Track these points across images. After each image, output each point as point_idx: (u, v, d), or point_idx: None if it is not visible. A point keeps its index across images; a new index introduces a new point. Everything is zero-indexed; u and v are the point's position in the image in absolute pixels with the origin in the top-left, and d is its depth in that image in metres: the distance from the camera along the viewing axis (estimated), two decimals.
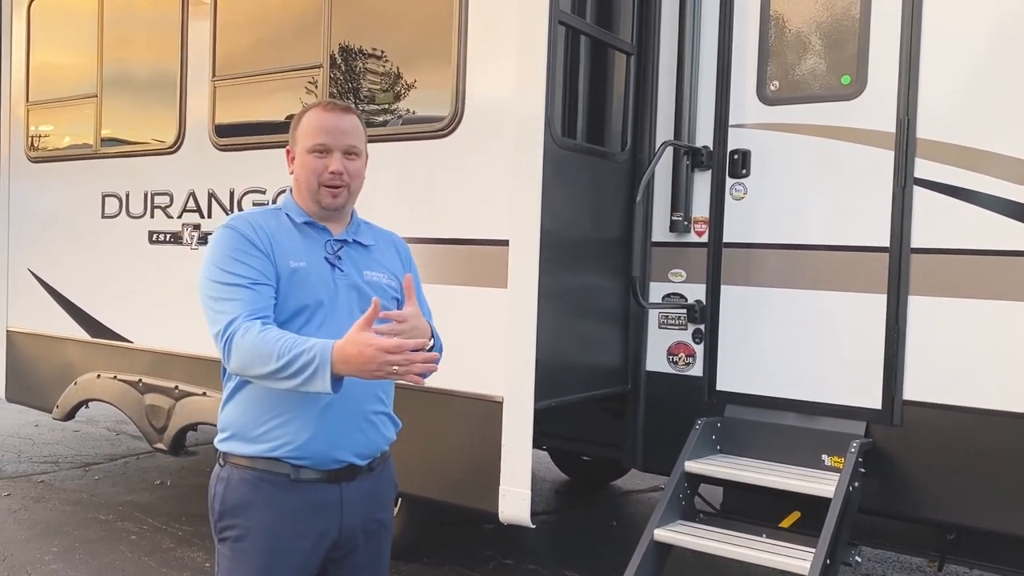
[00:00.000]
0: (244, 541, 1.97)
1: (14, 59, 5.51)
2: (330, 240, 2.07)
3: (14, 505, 5.23)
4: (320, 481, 1.97)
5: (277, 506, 1.95)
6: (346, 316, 1.97)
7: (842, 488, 3.15)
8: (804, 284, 3.56)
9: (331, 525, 1.99)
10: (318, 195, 2.03)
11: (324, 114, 2.05)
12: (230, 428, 2.02)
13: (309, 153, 2.02)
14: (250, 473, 1.97)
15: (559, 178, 3.45)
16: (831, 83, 3.55)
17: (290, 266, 1.97)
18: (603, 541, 5.00)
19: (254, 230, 1.98)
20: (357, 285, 2.05)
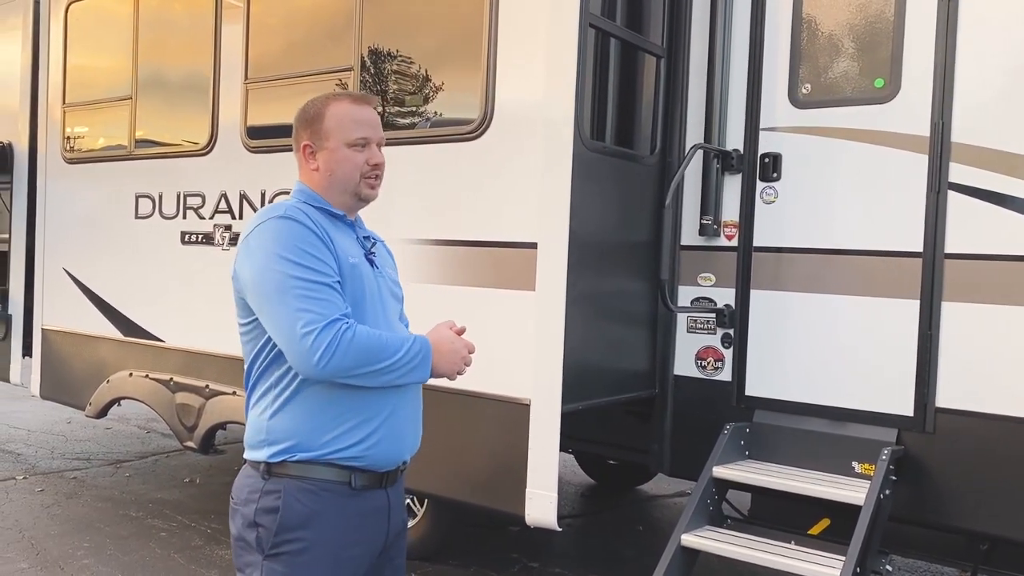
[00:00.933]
0: (306, 555, 1.90)
1: (51, 61, 5.60)
2: (359, 237, 2.07)
3: (47, 501, 5.32)
4: (373, 487, 1.96)
5: (340, 516, 1.92)
6: (384, 312, 2.02)
7: (873, 495, 3.12)
8: (835, 289, 3.53)
9: (381, 530, 2.00)
10: (358, 188, 2.02)
11: (357, 107, 2.03)
12: (290, 438, 1.92)
13: (350, 147, 1.99)
14: (311, 483, 1.91)
15: (588, 181, 3.44)
16: (864, 86, 3.51)
17: (349, 261, 1.96)
18: (628, 545, 4.98)
19: (314, 224, 1.92)
20: (387, 283, 2.08)
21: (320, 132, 2.00)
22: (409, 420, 2.03)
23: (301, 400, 1.92)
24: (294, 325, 1.82)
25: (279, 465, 1.92)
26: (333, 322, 1.82)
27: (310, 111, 2.03)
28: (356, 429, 1.92)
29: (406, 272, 3.83)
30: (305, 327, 1.81)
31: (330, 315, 1.83)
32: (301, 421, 1.92)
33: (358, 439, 1.92)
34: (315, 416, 1.91)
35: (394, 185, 3.90)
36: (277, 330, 1.86)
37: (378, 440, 1.94)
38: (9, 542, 4.56)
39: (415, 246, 3.82)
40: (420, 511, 4.36)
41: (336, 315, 1.84)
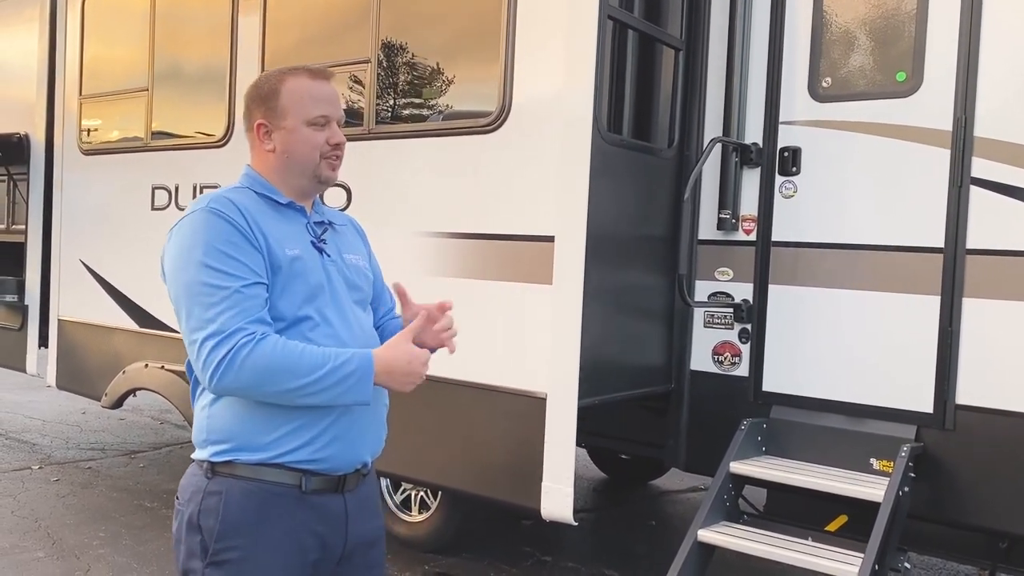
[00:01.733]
0: (249, 563, 1.74)
1: (68, 53, 5.61)
2: (310, 223, 1.90)
3: (63, 490, 5.35)
4: (327, 491, 1.81)
5: (287, 522, 1.76)
6: (335, 304, 1.85)
7: (892, 493, 3.09)
8: (854, 285, 3.50)
9: (337, 539, 1.83)
10: (318, 170, 1.85)
11: (316, 83, 1.86)
12: (230, 438, 1.77)
13: (308, 125, 1.83)
14: (256, 485, 1.75)
15: (606, 174, 3.42)
16: (885, 79, 3.48)
17: (287, 254, 1.79)
18: (642, 541, 4.97)
19: (243, 216, 1.76)
20: (343, 271, 1.91)
21: (276, 110, 1.84)
22: (368, 418, 1.85)
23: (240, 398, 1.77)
24: (194, 335, 1.69)
25: (224, 465, 1.77)
26: (232, 335, 1.66)
27: (264, 87, 1.88)
28: (302, 430, 1.76)
29: (422, 265, 3.87)
30: (203, 340, 1.67)
31: (230, 327, 1.66)
32: (241, 419, 1.77)
33: (304, 440, 1.76)
34: (255, 414, 1.76)
35: (411, 178, 3.91)
36: (183, 337, 1.74)
37: (329, 441, 1.78)
38: (26, 531, 4.59)
39: (431, 239, 3.81)
40: (433, 504, 4.36)
41: (237, 326, 1.66)
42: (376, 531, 1.95)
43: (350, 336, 1.84)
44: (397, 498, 4.51)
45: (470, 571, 4.28)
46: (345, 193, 4.09)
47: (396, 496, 4.51)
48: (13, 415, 7.44)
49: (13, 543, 4.41)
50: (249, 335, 1.66)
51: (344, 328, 1.84)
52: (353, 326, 1.87)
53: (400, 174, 3.93)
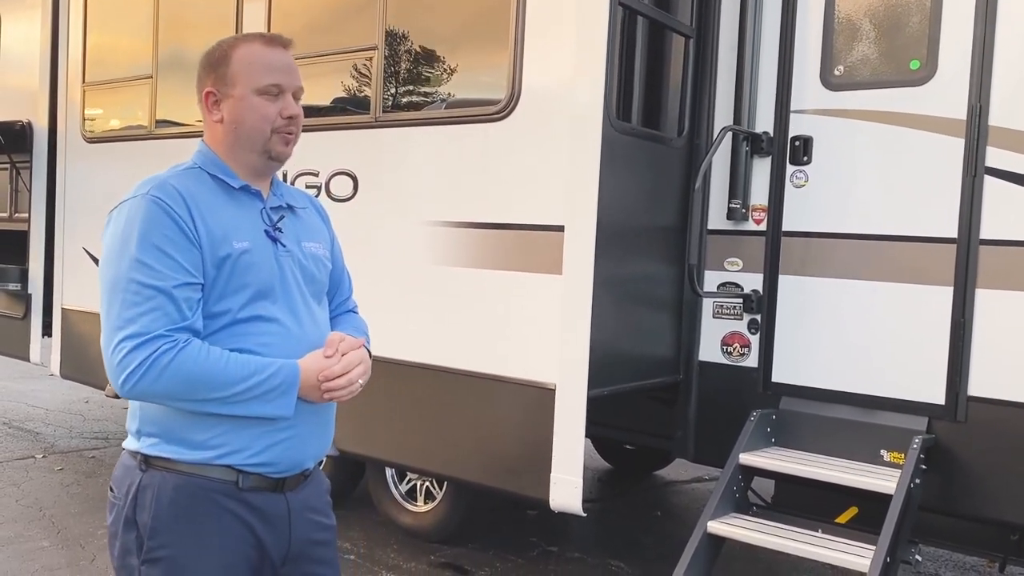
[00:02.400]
0: (183, 561, 1.65)
1: (71, 40, 5.57)
2: (265, 208, 1.75)
3: (67, 479, 5.34)
4: (267, 490, 1.70)
5: (223, 519, 1.66)
6: (286, 297, 1.73)
7: (904, 485, 3.07)
8: (866, 275, 3.47)
9: (279, 539, 1.73)
10: (269, 144, 1.72)
11: (270, 49, 1.73)
12: (163, 431, 1.67)
13: (259, 95, 1.70)
14: (189, 480, 1.65)
15: (616, 163, 3.39)
16: (899, 68, 3.44)
17: (234, 247, 1.66)
18: (647, 531, 4.96)
19: (185, 206, 1.63)
20: (300, 261, 1.78)
21: (225, 77, 1.71)
22: (311, 422, 1.74)
23: None
24: (111, 336, 1.59)
25: (157, 458, 1.67)
26: (153, 339, 1.55)
27: (215, 53, 1.74)
28: (238, 431, 1.66)
29: (430, 255, 3.84)
30: (121, 340, 1.57)
31: (152, 331, 1.55)
32: (175, 411, 1.66)
33: (239, 445, 1.66)
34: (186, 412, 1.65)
35: (418, 167, 3.88)
36: (102, 331, 1.63)
37: (268, 446, 1.68)
38: (30, 520, 4.58)
39: (439, 228, 3.78)
40: (439, 494, 4.34)
41: (160, 331, 1.56)
42: (324, 531, 1.85)
43: (302, 334, 1.73)
44: (402, 488, 4.50)
45: (476, 561, 4.28)
46: (352, 182, 4.06)
47: (401, 486, 4.50)
48: (16, 404, 7.43)
49: (18, 532, 4.40)
50: (172, 342, 1.56)
51: (296, 325, 1.73)
52: (305, 323, 1.75)
53: (407, 162, 3.90)
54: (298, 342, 1.71)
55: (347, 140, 4.09)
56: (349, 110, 4.18)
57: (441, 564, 4.23)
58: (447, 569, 4.19)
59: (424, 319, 3.82)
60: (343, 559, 4.21)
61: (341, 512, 4.70)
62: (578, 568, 4.30)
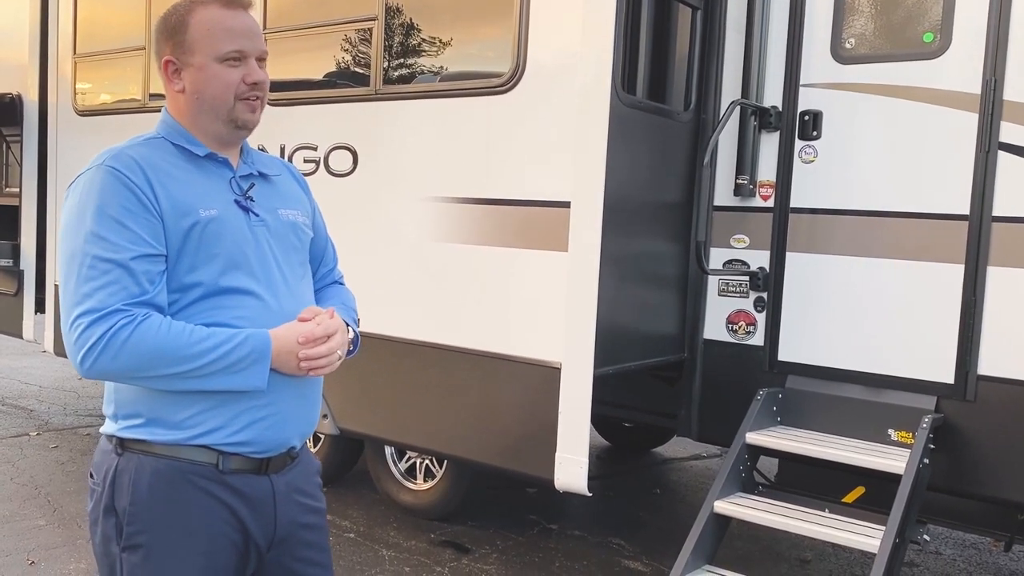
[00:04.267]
0: (163, 547, 1.60)
1: (62, 11, 5.44)
2: (235, 177, 1.69)
3: (62, 457, 5.29)
4: (250, 472, 1.65)
5: (203, 503, 1.61)
6: (271, 272, 1.68)
7: (913, 464, 3.05)
8: (875, 252, 3.42)
9: (265, 523, 1.68)
10: (234, 112, 1.64)
11: (230, 12, 1.64)
12: (139, 413, 1.62)
13: (221, 62, 1.62)
14: (167, 464, 1.59)
15: (622, 137, 3.32)
16: (912, 41, 3.37)
17: (200, 215, 1.59)
18: (646, 508, 4.94)
19: (144, 176, 1.56)
20: (276, 230, 1.71)
21: (183, 45, 1.63)
22: (294, 398, 1.68)
23: None
24: (68, 314, 1.52)
25: (134, 441, 1.62)
26: (110, 315, 1.49)
27: (171, 19, 1.66)
28: (219, 409, 1.60)
29: (431, 231, 3.78)
30: (77, 316, 1.50)
31: (108, 306, 1.49)
32: (151, 392, 1.60)
33: (220, 422, 1.60)
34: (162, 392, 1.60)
35: (419, 141, 3.80)
36: (60, 312, 1.58)
37: (248, 423, 1.62)
38: (26, 498, 4.54)
39: (441, 204, 3.72)
40: (439, 472, 4.31)
41: (117, 306, 1.49)
42: (312, 513, 1.78)
43: (279, 307, 1.66)
44: (402, 466, 4.47)
45: (476, 539, 4.25)
46: (351, 156, 3.98)
47: (401, 464, 4.47)
48: (9, 380, 7.36)
49: (13, 510, 4.35)
50: (129, 316, 1.49)
51: (273, 298, 1.66)
52: (283, 296, 1.68)
53: (409, 137, 3.82)
54: (276, 315, 1.65)
55: (346, 113, 4.00)
56: (348, 83, 4.09)
57: (441, 542, 4.21)
58: (448, 547, 4.16)
59: (426, 297, 3.76)
60: (342, 537, 4.18)
61: (339, 490, 4.72)
62: (579, 545, 4.28)
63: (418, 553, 4.07)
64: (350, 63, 4.08)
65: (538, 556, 4.12)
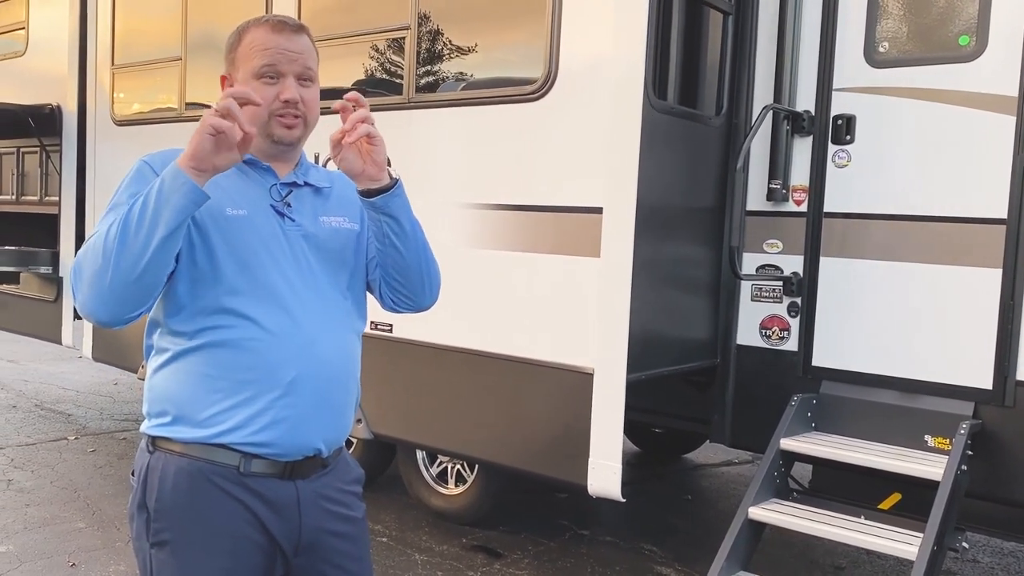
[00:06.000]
0: (186, 545, 1.63)
1: (100, 23, 5.55)
2: (276, 184, 1.73)
3: (99, 461, 5.38)
4: (273, 476, 1.66)
5: (225, 504, 1.63)
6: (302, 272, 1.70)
7: (951, 471, 3.01)
8: (911, 257, 3.39)
9: (289, 528, 1.68)
10: (268, 127, 1.69)
11: (271, 33, 1.70)
12: (170, 409, 1.66)
13: (256, 79, 1.68)
14: (190, 463, 1.63)
15: (655, 143, 3.33)
16: (947, 43, 3.34)
17: (226, 213, 1.64)
18: (678, 515, 4.93)
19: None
20: (311, 234, 1.73)
21: (235, 62, 1.73)
22: (317, 402, 1.68)
23: (180, 365, 1.65)
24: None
25: (162, 439, 1.66)
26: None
27: (231, 38, 1.76)
28: (240, 407, 1.62)
29: (464, 238, 3.80)
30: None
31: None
32: (178, 390, 1.65)
33: (240, 421, 1.62)
34: (193, 386, 1.64)
35: (452, 148, 3.83)
36: None
37: (269, 423, 1.63)
38: (66, 501, 4.62)
39: (474, 211, 3.74)
40: (470, 477, 4.33)
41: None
42: (346, 522, 1.77)
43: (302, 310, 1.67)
44: (433, 471, 4.49)
45: (508, 544, 4.27)
46: None
47: (432, 469, 4.49)
48: (47, 386, 7.50)
49: (54, 513, 4.44)
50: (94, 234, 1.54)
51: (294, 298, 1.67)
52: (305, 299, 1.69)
53: (441, 144, 3.85)
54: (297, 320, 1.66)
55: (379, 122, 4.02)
56: (381, 92, 4.13)
57: (473, 547, 4.23)
58: (480, 552, 4.18)
59: (459, 302, 3.79)
60: (375, 541, 4.21)
61: (372, 495, 4.74)
62: (611, 551, 4.28)
63: (450, 557, 4.09)
64: (382, 72, 4.13)
65: (570, 561, 4.12)
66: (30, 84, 6.20)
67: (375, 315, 4.05)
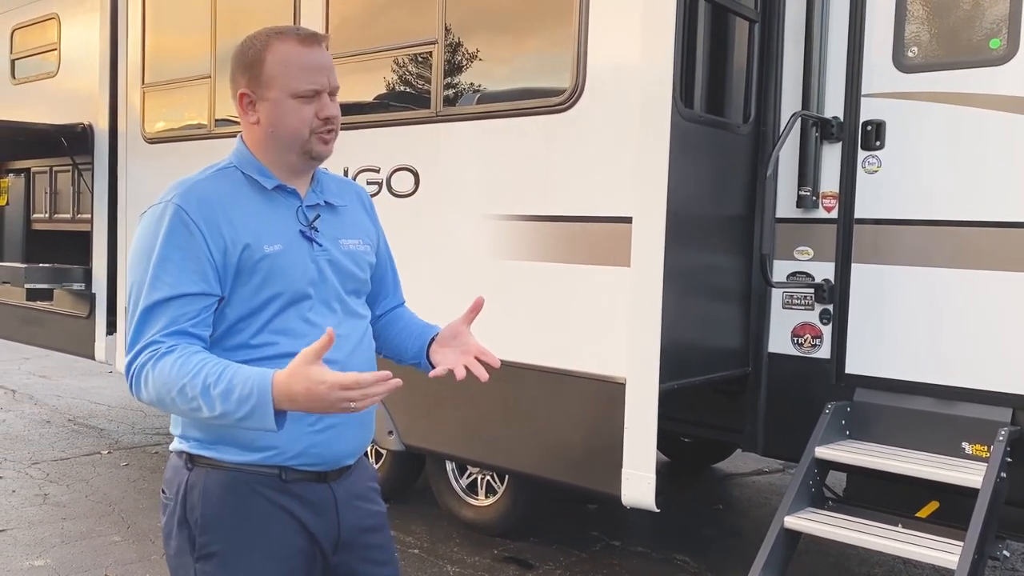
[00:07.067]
0: (234, 554, 1.67)
1: (130, 42, 5.64)
2: (302, 207, 1.73)
3: (133, 475, 5.43)
4: (310, 481, 1.72)
5: (269, 510, 1.69)
6: (330, 296, 1.73)
7: (991, 478, 2.98)
8: (944, 262, 3.36)
9: (329, 527, 1.75)
10: (308, 145, 1.69)
11: (306, 49, 1.67)
12: (204, 434, 1.69)
13: (295, 98, 1.66)
14: (234, 476, 1.67)
15: (683, 152, 3.33)
16: (978, 47, 3.32)
17: (264, 251, 1.64)
18: (709, 524, 4.89)
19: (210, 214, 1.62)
20: (336, 260, 1.75)
21: (260, 79, 1.67)
22: (352, 419, 1.72)
23: None
24: (125, 342, 1.65)
25: (202, 457, 1.69)
26: (144, 348, 1.58)
27: (249, 53, 1.69)
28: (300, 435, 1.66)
29: (494, 249, 3.81)
30: (128, 348, 1.62)
31: (149, 339, 1.58)
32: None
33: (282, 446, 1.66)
34: None
35: (480, 160, 3.85)
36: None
37: (307, 447, 1.68)
38: (101, 515, 4.67)
39: (503, 222, 3.76)
40: (500, 488, 4.33)
41: (152, 339, 1.57)
42: (375, 516, 1.85)
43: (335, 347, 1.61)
44: (463, 482, 4.49)
45: (539, 555, 4.26)
46: (413, 177, 4.05)
47: (462, 480, 4.49)
48: (79, 401, 7.59)
49: (90, 527, 4.49)
50: (154, 349, 1.56)
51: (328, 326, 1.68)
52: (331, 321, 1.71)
53: (469, 156, 3.87)
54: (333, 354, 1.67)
55: (408, 135, 4.08)
56: (409, 106, 4.17)
57: (505, 558, 4.22)
58: (511, 563, 4.17)
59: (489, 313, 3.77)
60: (407, 553, 4.22)
61: (401, 506, 4.76)
62: (643, 563, 4.26)
63: (482, 569, 4.09)
64: (411, 86, 4.16)
65: (602, 572, 4.10)
66: (62, 104, 6.31)
67: None
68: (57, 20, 6.48)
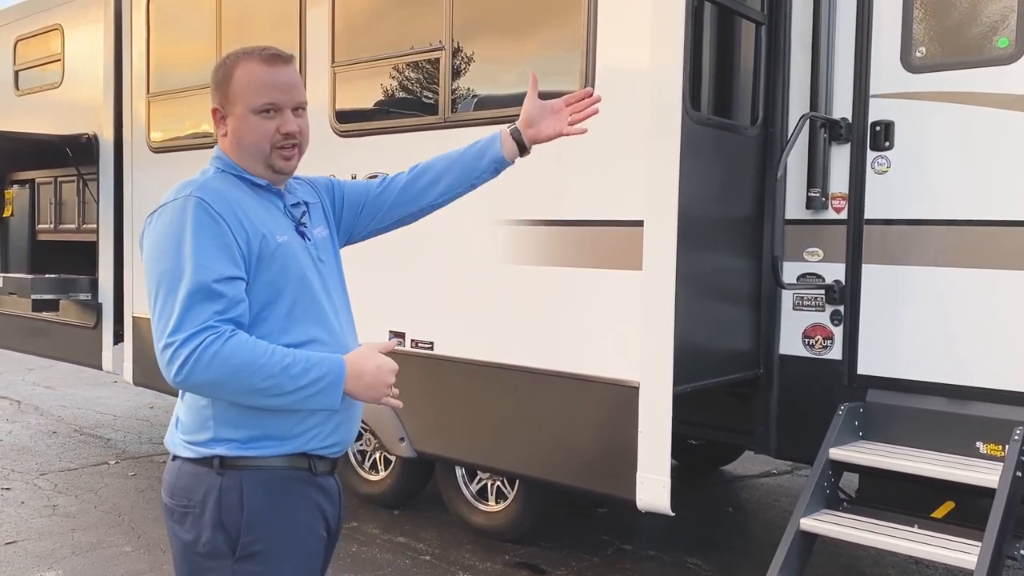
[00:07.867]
0: (277, 550, 1.75)
1: (134, 52, 5.65)
2: (287, 207, 1.87)
3: (141, 484, 5.42)
4: (329, 472, 1.87)
5: (304, 504, 1.80)
6: (326, 284, 1.87)
7: (1008, 477, 2.97)
8: (956, 262, 3.36)
9: (335, 514, 1.90)
10: (270, 159, 1.80)
11: (267, 68, 1.78)
12: (249, 431, 1.74)
13: (256, 114, 1.77)
14: (272, 474, 1.75)
15: (693, 154, 3.32)
16: (986, 46, 3.32)
17: (277, 240, 1.76)
18: (719, 527, 4.88)
19: (228, 207, 1.72)
20: (320, 248, 1.91)
21: (228, 96, 1.80)
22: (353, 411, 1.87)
23: None
24: (162, 331, 1.65)
25: (235, 459, 1.74)
26: (201, 331, 1.61)
27: (220, 72, 1.82)
28: (308, 418, 1.77)
29: (504, 254, 3.81)
30: (172, 332, 1.63)
31: (201, 323, 1.62)
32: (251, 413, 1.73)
33: (317, 428, 1.78)
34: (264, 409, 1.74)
35: None
36: (152, 329, 1.71)
37: (336, 426, 1.82)
38: (111, 525, 4.66)
39: (513, 227, 3.75)
40: (511, 493, 4.32)
41: (210, 322, 1.62)
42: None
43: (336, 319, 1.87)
44: (473, 487, 4.48)
45: (551, 560, 4.25)
46: None
47: (472, 486, 4.48)
48: (85, 411, 7.58)
49: (100, 538, 4.48)
50: (217, 333, 1.62)
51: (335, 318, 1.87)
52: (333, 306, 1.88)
53: None
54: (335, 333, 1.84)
55: (416, 142, 4.08)
56: (417, 112, 4.17)
57: (516, 564, 4.21)
58: (523, 568, 4.16)
59: (501, 318, 3.80)
60: (419, 559, 4.22)
61: (411, 513, 4.75)
62: (655, 566, 4.25)
63: (495, 575, 4.08)
64: (419, 92, 4.16)
65: None
66: (66, 114, 6.31)
67: (415, 334, 4.09)
68: (60, 31, 6.49)
